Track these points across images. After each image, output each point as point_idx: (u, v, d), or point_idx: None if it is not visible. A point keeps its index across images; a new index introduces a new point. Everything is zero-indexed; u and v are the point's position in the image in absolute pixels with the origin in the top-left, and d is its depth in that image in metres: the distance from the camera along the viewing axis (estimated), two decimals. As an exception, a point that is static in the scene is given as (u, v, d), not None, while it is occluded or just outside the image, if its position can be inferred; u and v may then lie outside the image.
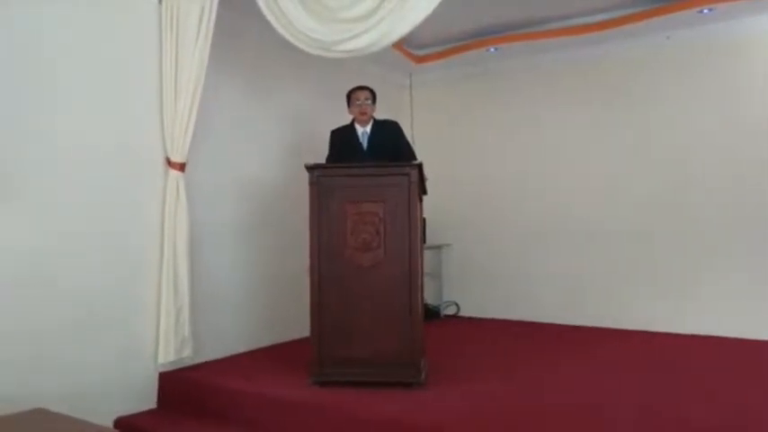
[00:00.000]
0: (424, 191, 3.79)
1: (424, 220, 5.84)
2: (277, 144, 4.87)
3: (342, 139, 3.94)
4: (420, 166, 3.47)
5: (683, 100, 5.08)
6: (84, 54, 3.45)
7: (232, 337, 4.31)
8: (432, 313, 5.89)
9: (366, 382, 3.35)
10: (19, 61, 3.16)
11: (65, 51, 3.36)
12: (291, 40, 3.45)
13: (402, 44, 5.62)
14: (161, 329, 3.71)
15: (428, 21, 3.16)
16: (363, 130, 3.94)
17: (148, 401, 3.70)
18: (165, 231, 3.75)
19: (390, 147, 3.87)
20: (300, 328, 3.53)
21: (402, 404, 3.09)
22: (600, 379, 3.65)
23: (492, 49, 5.52)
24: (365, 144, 3.92)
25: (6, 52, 3.10)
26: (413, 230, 3.41)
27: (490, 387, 3.44)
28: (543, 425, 2.85)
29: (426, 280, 6.05)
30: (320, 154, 3.97)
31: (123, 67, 3.65)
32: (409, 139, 5.02)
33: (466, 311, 6.06)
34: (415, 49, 5.83)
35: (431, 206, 5.74)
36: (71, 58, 3.39)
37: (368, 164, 3.60)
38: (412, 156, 3.90)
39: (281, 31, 3.48)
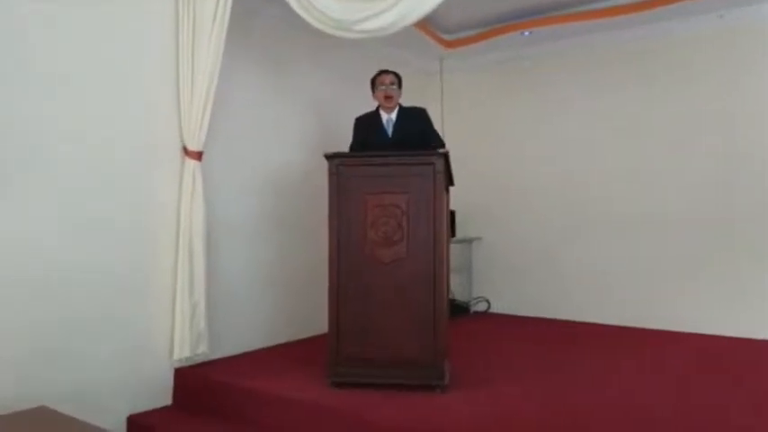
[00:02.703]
0: (450, 181, 3.57)
1: (452, 212, 5.64)
2: (298, 133, 4.69)
3: (366, 126, 3.75)
4: (446, 155, 3.25)
5: (731, 84, 4.70)
6: (98, 40, 3.33)
7: (250, 333, 4.17)
8: (461, 310, 5.68)
9: (385, 384, 3.17)
10: (32, 48, 3.05)
11: (79, 38, 3.25)
12: (310, 20, 3.27)
13: (431, 28, 5.38)
14: (176, 325, 3.59)
15: (458, 3, 2.94)
16: (389, 117, 3.74)
17: (164, 398, 3.61)
18: (180, 223, 3.63)
19: (417, 135, 3.67)
20: (319, 324, 3.38)
21: (421, 410, 2.90)
22: (638, 383, 3.38)
23: (526, 33, 5.22)
24: (390, 132, 3.73)
25: (20, 39, 3.00)
26: (438, 224, 3.19)
27: (518, 392, 3.22)
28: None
29: (456, 275, 5.88)
30: (343, 144, 3.79)
31: (139, 53, 3.53)
32: (439, 128, 4.82)
33: (497, 308, 5.82)
34: (446, 33, 5.57)
35: (461, 198, 5.53)
36: (85, 44, 3.27)
37: (390, 152, 3.39)
38: (440, 145, 3.69)
39: (299, 11, 3.32)
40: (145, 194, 3.54)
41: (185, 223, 3.62)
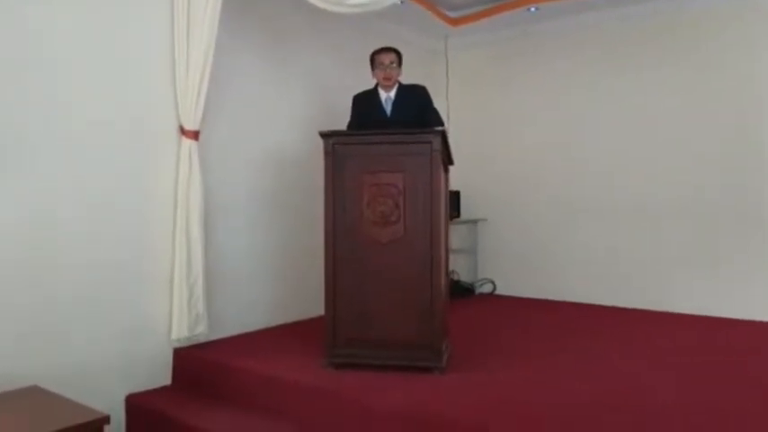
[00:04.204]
0: (450, 160, 3.50)
1: (456, 192, 5.58)
2: (299, 113, 4.62)
3: (364, 104, 3.69)
4: (443, 134, 3.18)
5: (744, 60, 4.56)
6: (90, 18, 3.27)
7: (249, 313, 4.15)
8: (466, 291, 5.63)
9: (383, 365, 3.14)
10: (28, 31, 3.02)
11: (72, 16, 3.19)
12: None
13: (436, 5, 5.27)
14: (174, 305, 3.58)
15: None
16: (387, 96, 3.67)
17: (163, 378, 3.61)
18: (177, 203, 3.60)
19: (416, 113, 3.59)
20: (319, 305, 3.35)
21: (417, 391, 2.86)
22: (640, 367, 3.32)
23: (532, 9, 5.10)
24: (389, 110, 3.66)
25: (16, 23, 2.97)
26: (435, 203, 3.13)
27: (517, 374, 3.17)
28: (568, 418, 2.56)
29: (461, 256, 5.83)
30: (345, 122, 3.74)
31: (133, 30, 3.47)
32: (444, 107, 4.73)
33: (502, 290, 5.76)
34: (450, 10, 5.46)
35: (467, 178, 5.48)
36: (78, 22, 3.22)
37: (386, 131, 3.32)
38: (439, 123, 3.60)
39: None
40: (141, 174, 3.51)
41: (182, 203, 3.58)
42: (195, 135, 3.62)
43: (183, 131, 3.62)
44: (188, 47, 3.55)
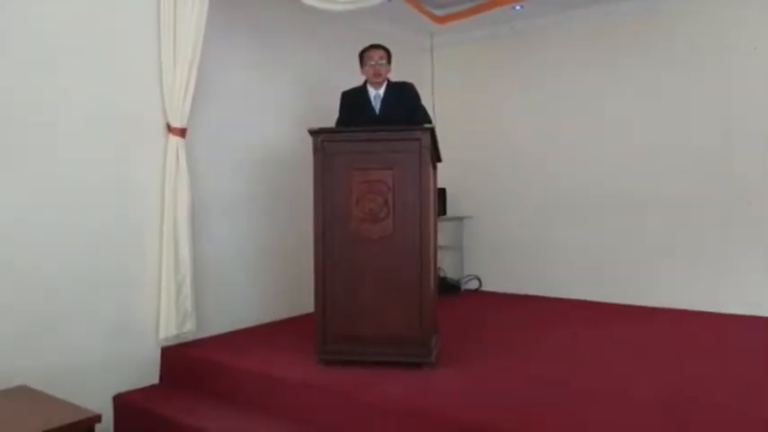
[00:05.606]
0: (438, 157, 3.52)
1: (443, 190, 5.60)
2: (288, 110, 4.62)
3: (353, 101, 3.69)
4: (432, 131, 3.20)
5: (732, 56, 4.62)
6: (76, 13, 3.24)
7: (238, 311, 4.14)
8: (452, 288, 5.66)
9: (373, 361, 3.15)
10: (14, 28, 2.99)
11: (58, 11, 3.16)
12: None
13: (422, 3, 5.28)
14: (162, 303, 3.55)
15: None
16: (376, 93, 3.68)
17: (151, 377, 3.59)
18: (165, 201, 3.57)
19: (405, 111, 3.60)
20: (309, 302, 3.35)
21: (408, 387, 2.88)
22: (627, 361, 3.37)
23: (518, 7, 5.13)
24: (377, 107, 3.66)
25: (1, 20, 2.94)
26: (424, 200, 3.15)
27: (506, 368, 3.21)
28: (554, 411, 2.59)
29: (447, 253, 5.86)
30: (334, 121, 3.72)
31: (119, 28, 3.44)
32: (430, 105, 4.73)
33: (488, 286, 5.81)
34: (437, 8, 5.48)
35: (452, 176, 5.50)
36: (62, 17, 3.19)
37: (375, 128, 3.33)
38: (427, 121, 3.62)
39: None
40: (128, 172, 3.48)
41: (169, 201, 3.56)
42: (182, 132, 3.60)
43: (170, 129, 3.59)
44: (175, 44, 3.53)
